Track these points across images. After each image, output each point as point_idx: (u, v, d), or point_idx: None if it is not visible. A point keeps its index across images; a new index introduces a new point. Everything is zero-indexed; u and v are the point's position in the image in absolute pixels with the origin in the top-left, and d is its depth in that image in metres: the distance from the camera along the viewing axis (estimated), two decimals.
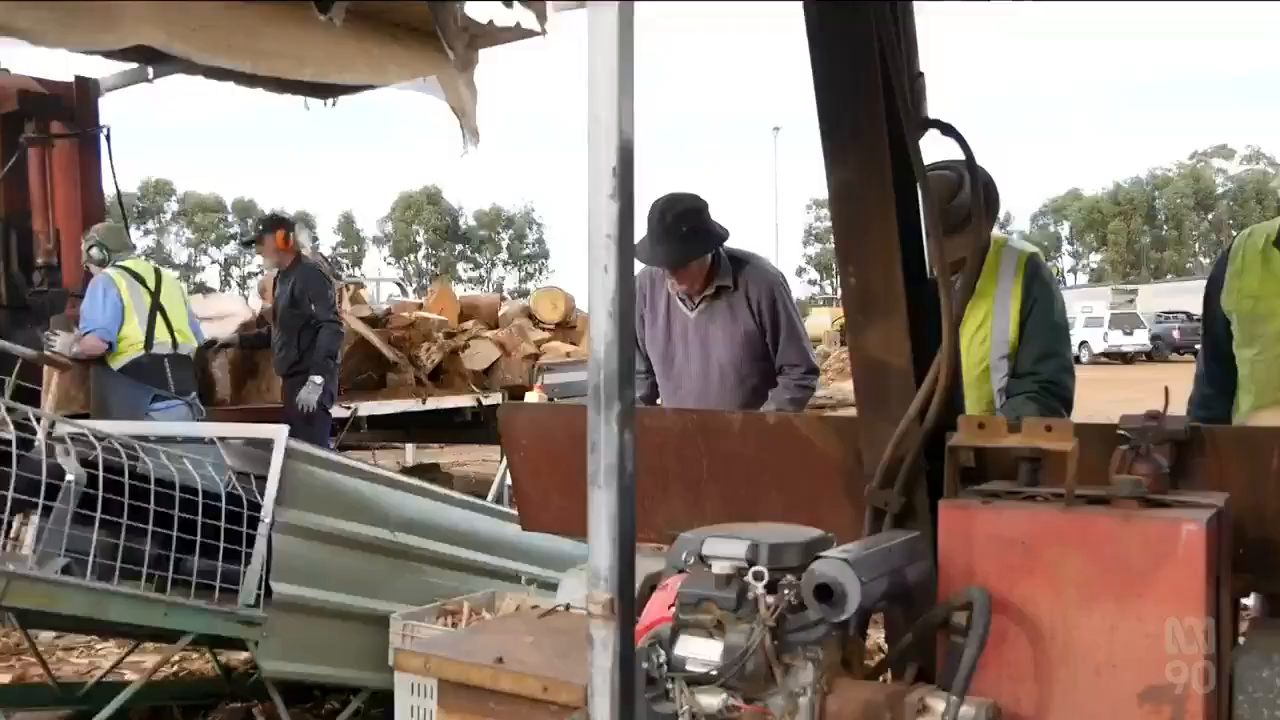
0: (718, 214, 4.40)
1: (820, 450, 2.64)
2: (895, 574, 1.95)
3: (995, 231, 3.62)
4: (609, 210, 1.49)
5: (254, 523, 3.77)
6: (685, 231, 4.24)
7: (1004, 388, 3.50)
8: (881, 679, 2.15)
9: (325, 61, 5.72)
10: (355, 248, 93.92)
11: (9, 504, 3.34)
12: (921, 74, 2.36)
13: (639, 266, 4.27)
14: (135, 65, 7.82)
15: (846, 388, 13.59)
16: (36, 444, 3.67)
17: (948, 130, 2.37)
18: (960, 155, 2.47)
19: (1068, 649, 1.90)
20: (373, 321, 9.41)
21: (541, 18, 2.77)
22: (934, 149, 2.46)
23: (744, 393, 4.43)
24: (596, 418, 1.51)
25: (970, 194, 2.88)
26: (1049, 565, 1.91)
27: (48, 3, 4.42)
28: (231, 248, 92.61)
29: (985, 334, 3.49)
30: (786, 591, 1.83)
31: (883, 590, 1.90)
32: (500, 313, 11.37)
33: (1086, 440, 1.99)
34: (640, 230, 4.07)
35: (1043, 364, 3.47)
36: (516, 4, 2.48)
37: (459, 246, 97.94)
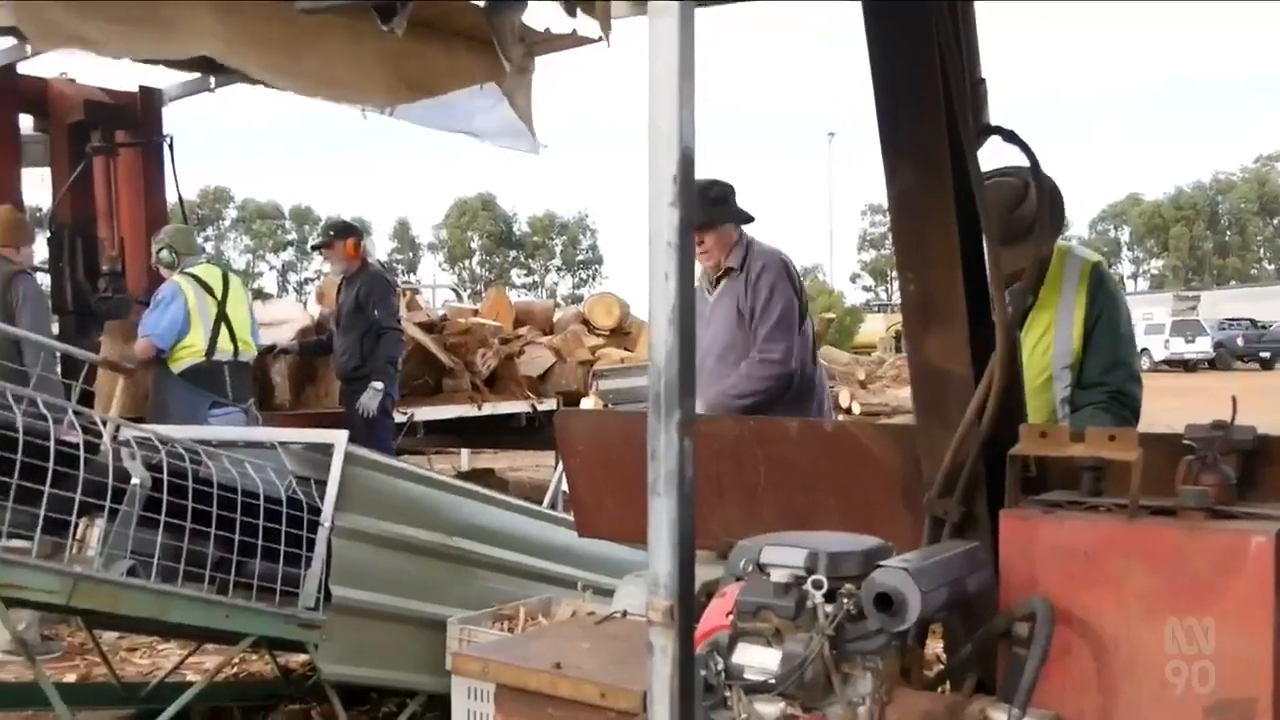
0: (772, 218, 4.44)
1: (878, 458, 2.62)
2: (956, 584, 1.94)
3: (1059, 241, 3.58)
4: (670, 217, 1.49)
5: (314, 527, 3.80)
6: (711, 198, 4.37)
7: (1067, 398, 3.46)
8: (940, 690, 2.13)
9: (375, 76, 5.77)
10: (410, 254, 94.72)
11: (76, 506, 3.40)
12: (983, 80, 2.34)
13: None
14: (198, 75, 7.95)
15: (901, 395, 13.47)
16: (102, 448, 3.73)
17: (1010, 137, 2.35)
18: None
19: (1132, 662, 1.87)
20: (429, 327, 9.46)
21: (605, 26, 2.78)
22: (997, 156, 2.45)
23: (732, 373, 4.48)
24: (657, 425, 1.51)
25: (1035, 203, 2.85)
26: (1113, 577, 1.89)
27: (115, 6, 4.51)
28: (289, 254, 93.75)
29: (1048, 343, 3.45)
30: (846, 600, 1.82)
31: (943, 600, 1.88)
32: (555, 319, 11.41)
33: (1151, 450, 1.96)
34: None
35: (1111, 374, 3.43)
36: (579, 13, 2.48)
37: (513, 253, 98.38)
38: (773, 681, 1.81)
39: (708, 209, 4.35)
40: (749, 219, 4.50)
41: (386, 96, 6.11)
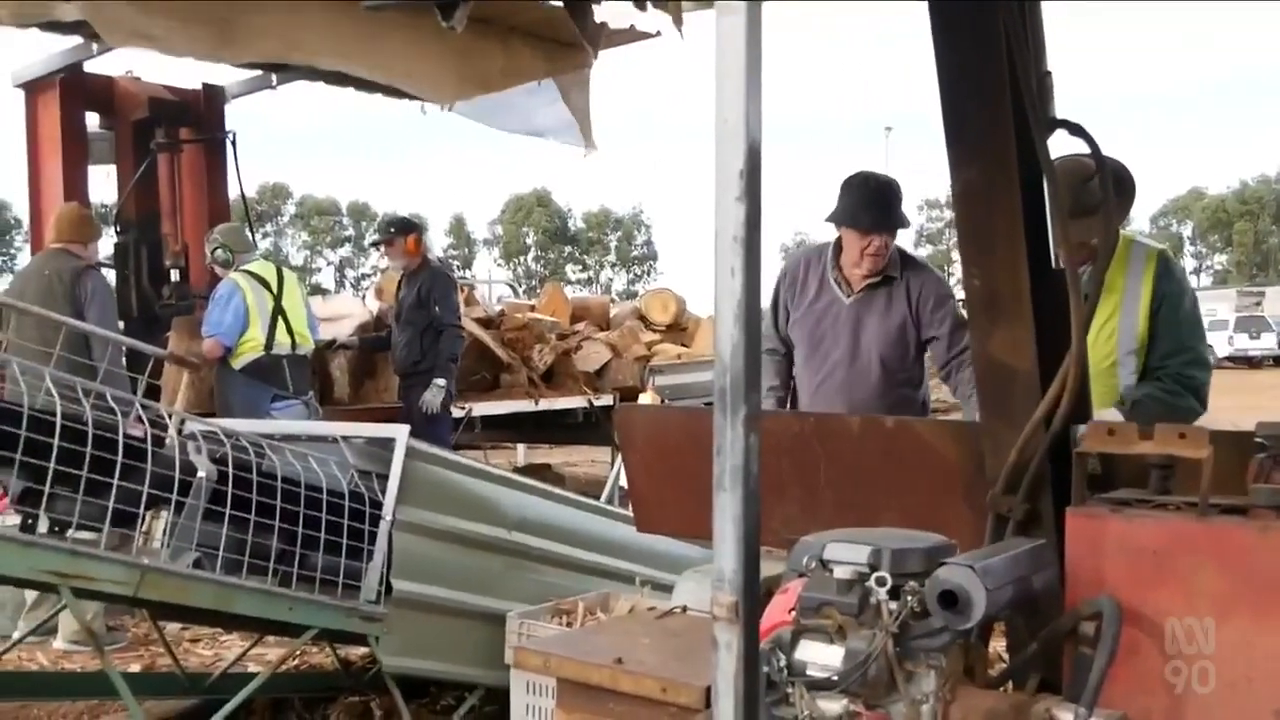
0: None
1: (940, 455, 2.60)
2: (1021, 582, 1.92)
3: (1124, 231, 3.57)
4: (736, 213, 1.49)
5: (375, 520, 3.83)
6: (887, 201, 4.27)
7: (1131, 384, 3.43)
8: (1003, 689, 2.11)
9: (435, 72, 5.81)
10: (466, 250, 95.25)
11: (144, 500, 3.45)
12: (1049, 73, 2.32)
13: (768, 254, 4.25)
14: (260, 72, 8.04)
15: None
16: (168, 441, 3.79)
17: (1076, 130, 2.33)
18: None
19: (1202, 663, 1.84)
20: (487, 323, 9.51)
21: (677, 20, 2.78)
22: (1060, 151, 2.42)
23: (893, 387, 4.35)
24: (723, 421, 1.51)
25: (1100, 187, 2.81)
26: (1182, 576, 1.87)
27: (181, 6, 4.57)
28: (346, 250, 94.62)
29: (1113, 328, 3.43)
30: (909, 598, 1.81)
31: (1008, 598, 1.87)
32: (611, 314, 11.43)
33: (1221, 447, 1.92)
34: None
35: (1172, 358, 3.41)
36: (650, 7, 2.48)
37: (567, 248, 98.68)
38: (835, 678, 1.81)
39: (892, 214, 4.27)
40: (909, 225, 4.44)
41: (451, 91, 6.14)
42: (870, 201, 4.24)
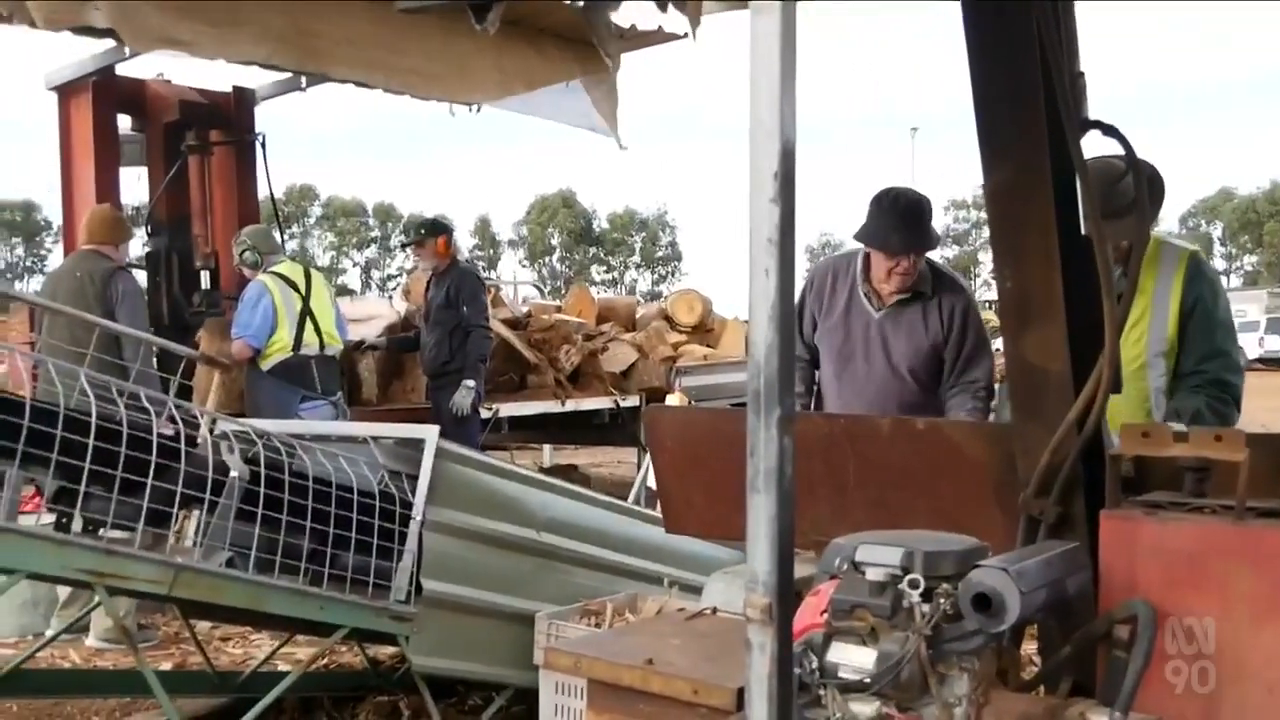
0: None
1: (971, 457, 2.60)
2: (1055, 585, 1.91)
3: (1155, 231, 3.55)
4: (770, 214, 1.49)
5: (405, 521, 3.85)
6: (917, 221, 4.21)
7: (1161, 387, 3.41)
8: (1035, 693, 2.11)
9: (468, 72, 5.82)
10: (491, 251, 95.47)
11: (177, 499, 3.48)
12: (1082, 73, 2.31)
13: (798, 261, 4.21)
14: (289, 74, 8.07)
15: None
16: (199, 441, 3.81)
17: (1109, 131, 2.32)
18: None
19: (1237, 667, 1.83)
20: (513, 324, 9.53)
21: (694, 22, 2.77)
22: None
23: (921, 400, 4.30)
24: (756, 422, 1.51)
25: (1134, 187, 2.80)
26: (1217, 580, 1.86)
27: (208, 8, 4.59)
28: (372, 251, 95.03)
29: (1143, 330, 3.41)
30: (942, 600, 1.80)
31: (1042, 601, 1.86)
32: (637, 315, 11.44)
33: (1258, 450, 1.91)
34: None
35: (1209, 362, 3.38)
36: (671, 7, 2.47)
37: (592, 249, 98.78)
38: (868, 680, 1.80)
39: (917, 235, 4.21)
40: (939, 240, 4.39)
41: (490, 91, 6.15)
42: (899, 224, 4.17)
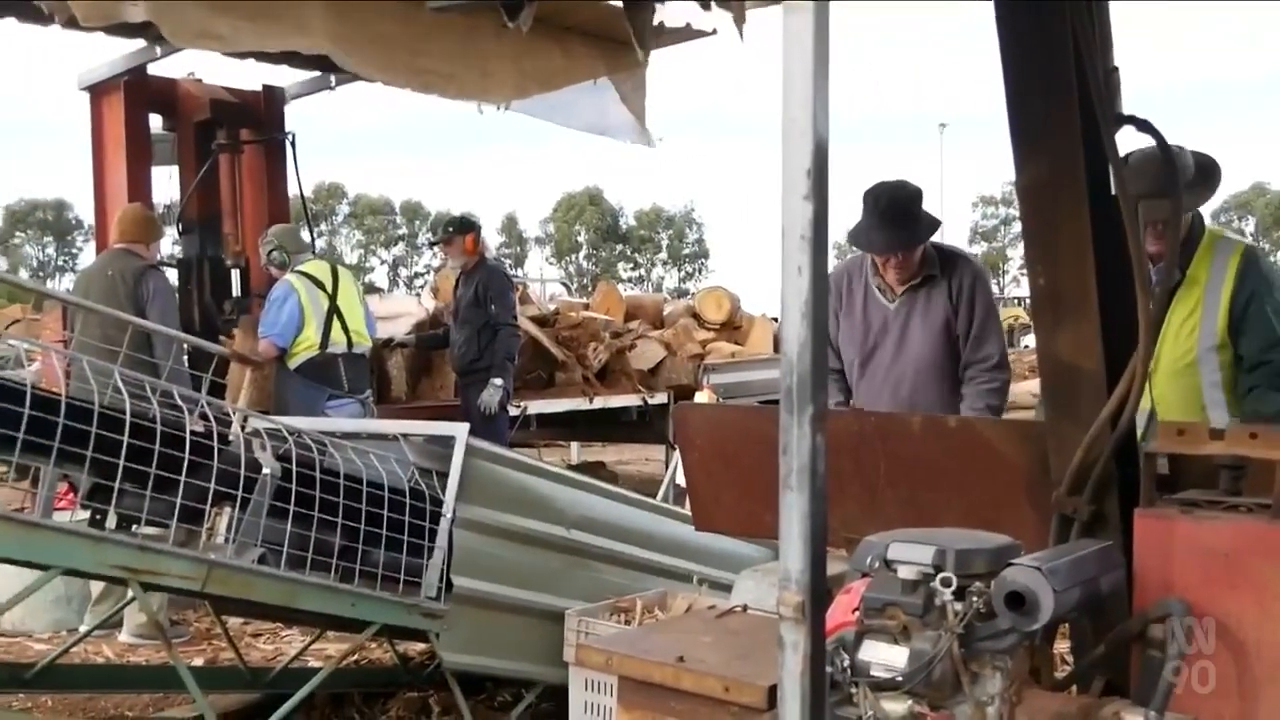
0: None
1: (1003, 455, 2.59)
2: (1089, 584, 1.91)
3: (1210, 224, 3.52)
4: (803, 211, 1.49)
5: (435, 518, 3.86)
6: (904, 218, 4.20)
7: (1216, 381, 3.36)
8: (1068, 692, 2.10)
9: (493, 71, 5.83)
10: (518, 248, 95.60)
11: (210, 496, 3.50)
12: (1116, 69, 2.29)
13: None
14: (318, 73, 8.10)
15: (1016, 390, 13.23)
16: (231, 438, 3.84)
17: (1143, 126, 2.30)
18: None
19: (1275, 666, 1.82)
20: (541, 321, 9.54)
21: (739, 19, 2.76)
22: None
23: (944, 385, 4.31)
24: (789, 420, 1.51)
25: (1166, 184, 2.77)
26: (1254, 578, 1.84)
27: (246, 6, 4.62)
28: (399, 248, 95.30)
29: (1194, 324, 3.37)
30: (975, 599, 1.80)
31: (1076, 600, 1.85)
32: (665, 313, 11.43)
33: None
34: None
35: (1273, 351, 3.33)
36: (714, 6, 2.47)
37: (619, 246, 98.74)
38: (900, 679, 1.80)
39: (903, 233, 4.20)
40: (938, 225, 4.34)
41: (511, 91, 6.15)
42: (881, 223, 4.19)
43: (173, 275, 7.65)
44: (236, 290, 7.89)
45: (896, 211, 4.19)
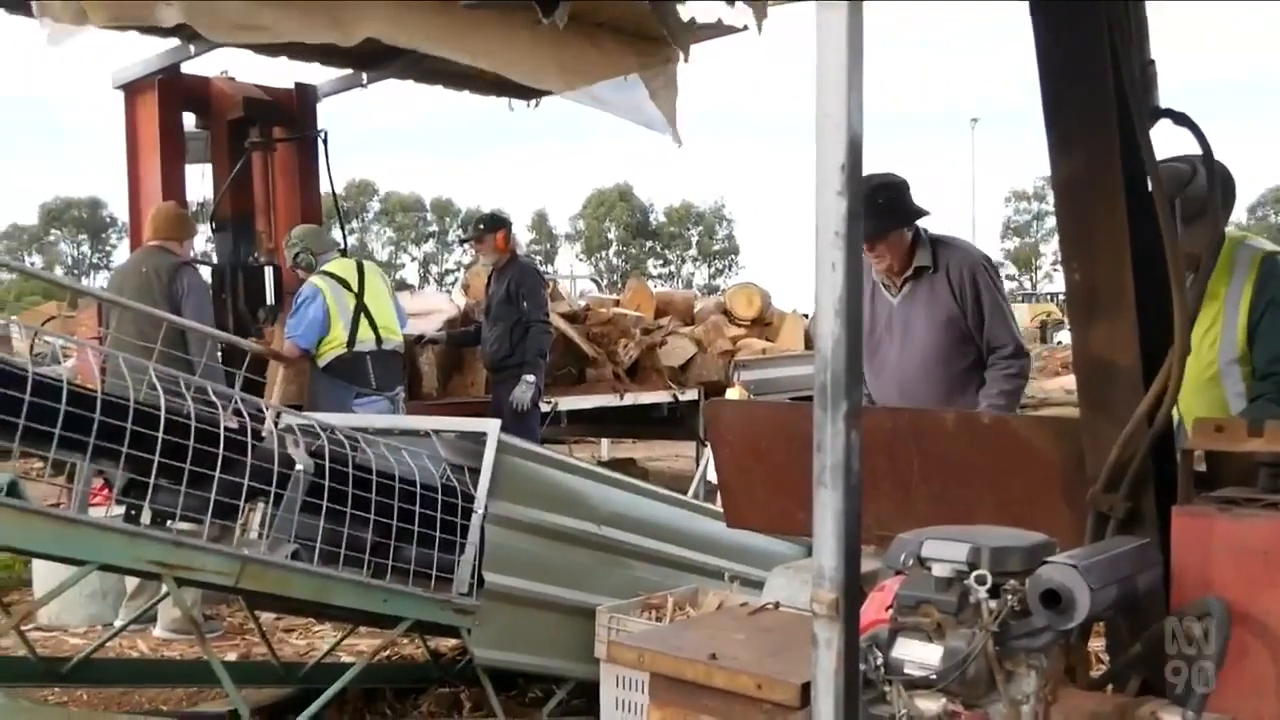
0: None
1: (1037, 451, 2.57)
2: (1125, 582, 1.89)
3: (1230, 229, 3.46)
4: (837, 207, 1.48)
5: (467, 514, 3.87)
6: (880, 205, 4.18)
7: (1240, 392, 3.32)
8: (1104, 691, 2.08)
9: (529, 63, 5.84)
10: (548, 245, 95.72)
11: (244, 491, 3.52)
12: (1152, 61, 2.27)
13: None
14: (350, 71, 8.14)
15: (1049, 386, 13.18)
16: (264, 434, 3.86)
17: (1181, 120, 2.28)
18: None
19: None
20: (572, 318, 9.54)
21: (760, 15, 2.76)
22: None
23: (948, 378, 4.29)
24: (823, 416, 1.50)
25: (1206, 184, 2.74)
26: None
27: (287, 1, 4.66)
28: (430, 245, 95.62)
29: (1215, 336, 3.33)
30: (1010, 596, 1.79)
31: (1113, 598, 1.84)
32: (695, 309, 11.40)
33: None
34: None
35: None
36: (738, 1, 2.47)
37: (649, 243, 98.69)
38: (934, 677, 1.79)
39: (876, 220, 4.16)
40: (921, 214, 4.33)
41: (558, 82, 6.18)
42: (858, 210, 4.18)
43: (206, 273, 7.69)
44: (270, 297, 7.91)
45: (875, 198, 4.15)
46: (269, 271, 7.93)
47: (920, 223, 4.40)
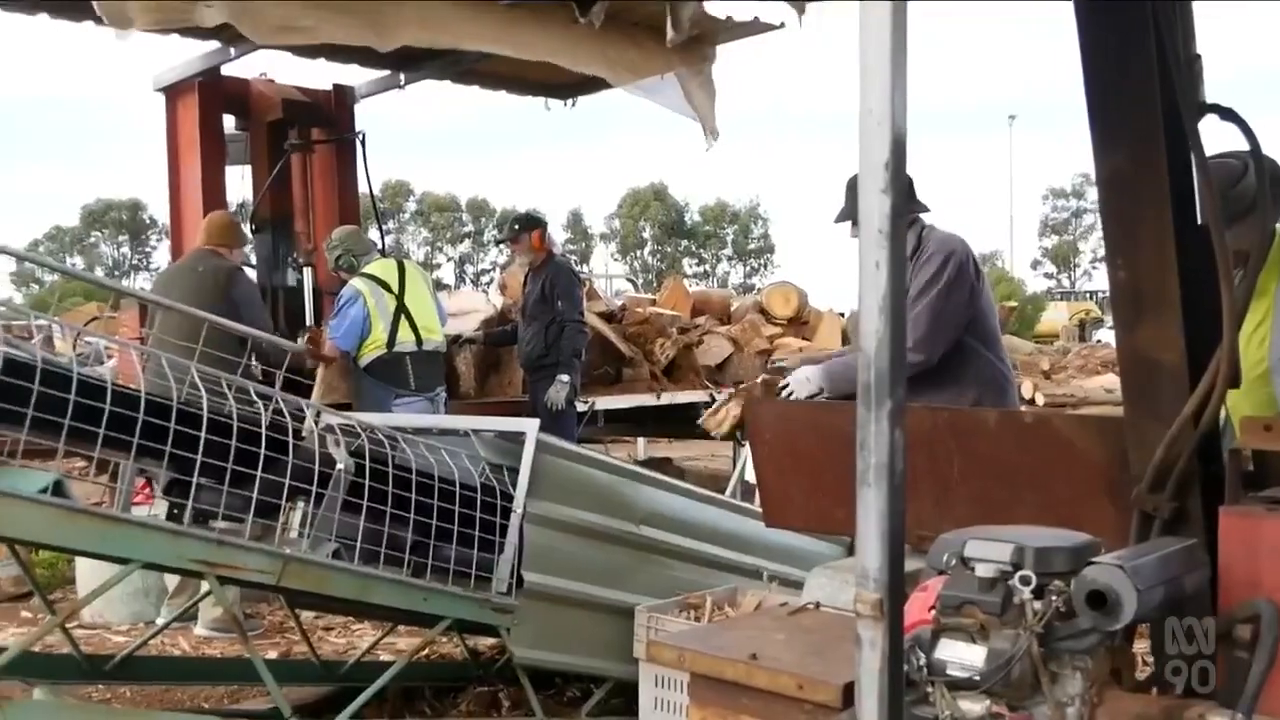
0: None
1: (1080, 451, 2.54)
2: (1172, 583, 1.87)
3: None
4: (880, 205, 1.47)
5: (506, 513, 3.88)
6: (847, 197, 4.26)
7: None
8: (1150, 693, 2.06)
9: (574, 56, 5.87)
10: (583, 244, 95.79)
11: (285, 490, 3.55)
12: (1199, 55, 2.24)
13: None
14: (388, 72, 8.18)
15: (1089, 385, 13.05)
16: (304, 433, 3.88)
17: (1228, 115, 2.24)
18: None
19: None
20: (608, 317, 9.54)
21: (801, 12, 2.75)
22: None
23: (925, 379, 4.18)
24: (867, 415, 1.49)
25: (1255, 181, 2.70)
26: None
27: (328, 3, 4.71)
28: (466, 245, 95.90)
29: (1264, 334, 3.27)
30: (1055, 597, 1.77)
31: (1159, 600, 1.82)
32: (732, 308, 11.38)
33: None
34: None
35: None
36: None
37: (684, 242, 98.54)
38: (977, 678, 1.78)
39: (852, 206, 4.20)
40: (921, 210, 4.33)
41: (605, 73, 6.20)
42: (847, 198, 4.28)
43: (253, 276, 7.74)
44: (310, 313, 7.95)
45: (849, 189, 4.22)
46: (307, 274, 7.97)
47: (928, 218, 4.43)
